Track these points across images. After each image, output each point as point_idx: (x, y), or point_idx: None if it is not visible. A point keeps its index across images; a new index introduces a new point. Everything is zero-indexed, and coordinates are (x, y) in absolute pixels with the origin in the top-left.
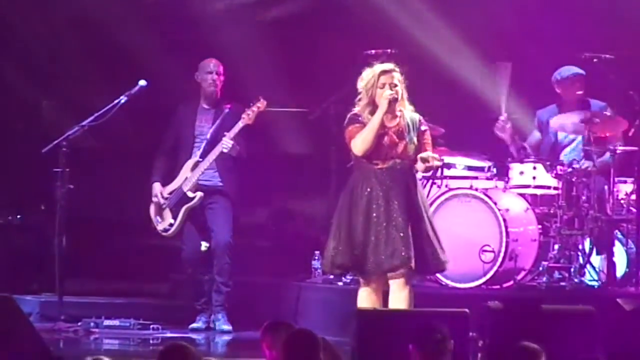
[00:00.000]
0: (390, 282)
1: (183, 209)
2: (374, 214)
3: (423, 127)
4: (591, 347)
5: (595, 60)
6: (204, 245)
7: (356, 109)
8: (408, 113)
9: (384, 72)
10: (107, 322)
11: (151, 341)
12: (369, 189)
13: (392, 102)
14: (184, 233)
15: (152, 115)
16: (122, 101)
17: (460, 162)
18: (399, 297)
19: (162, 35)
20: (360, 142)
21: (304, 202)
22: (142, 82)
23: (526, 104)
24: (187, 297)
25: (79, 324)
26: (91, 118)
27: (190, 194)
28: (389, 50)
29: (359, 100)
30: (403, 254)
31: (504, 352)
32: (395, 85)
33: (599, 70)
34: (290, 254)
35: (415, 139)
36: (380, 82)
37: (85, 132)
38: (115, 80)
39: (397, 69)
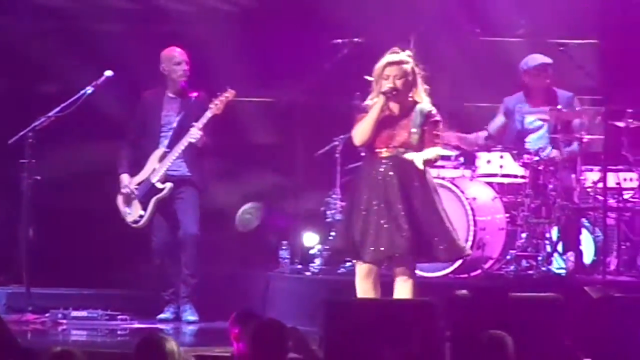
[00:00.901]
0: (395, 272)
1: (153, 200)
2: (374, 202)
3: (433, 119)
4: (559, 335)
5: (561, 47)
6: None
7: (368, 99)
8: (422, 104)
9: (390, 64)
10: (75, 313)
11: (119, 332)
12: (372, 177)
13: (389, 94)
14: (154, 224)
15: (118, 104)
16: (88, 92)
17: None
18: (401, 287)
19: (128, 25)
20: (358, 133)
21: (271, 191)
22: (108, 73)
23: (494, 90)
24: (155, 288)
25: (47, 315)
26: (57, 109)
27: (159, 185)
28: (355, 40)
29: (372, 90)
30: (398, 242)
31: (472, 341)
32: (400, 78)
33: (566, 57)
34: (259, 244)
35: (419, 130)
36: (385, 74)
37: (52, 122)
38: (82, 70)
39: (407, 60)
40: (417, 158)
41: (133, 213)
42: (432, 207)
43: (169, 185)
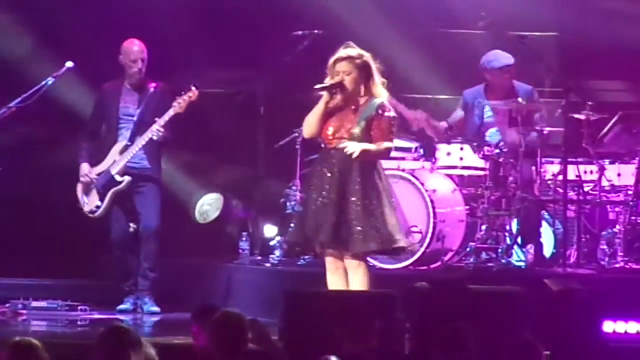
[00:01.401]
0: (346, 264)
1: (110, 192)
2: (321, 194)
3: (384, 113)
4: (519, 328)
5: (523, 40)
6: (132, 227)
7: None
8: (377, 98)
9: (339, 59)
10: (35, 304)
11: (79, 322)
12: (319, 169)
13: (332, 90)
14: (112, 215)
15: (78, 95)
16: (49, 82)
17: None
18: (351, 278)
19: (89, 15)
20: (304, 126)
21: (231, 183)
22: (69, 64)
23: (454, 83)
24: (115, 279)
25: (7, 305)
26: (18, 99)
27: (118, 178)
28: (316, 32)
29: None
30: (330, 233)
31: (432, 333)
32: (349, 73)
33: (526, 50)
34: (219, 235)
35: (363, 123)
36: (335, 69)
37: (13, 113)
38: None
39: (360, 55)
40: (351, 146)
41: (90, 203)
42: (367, 199)
43: (127, 178)
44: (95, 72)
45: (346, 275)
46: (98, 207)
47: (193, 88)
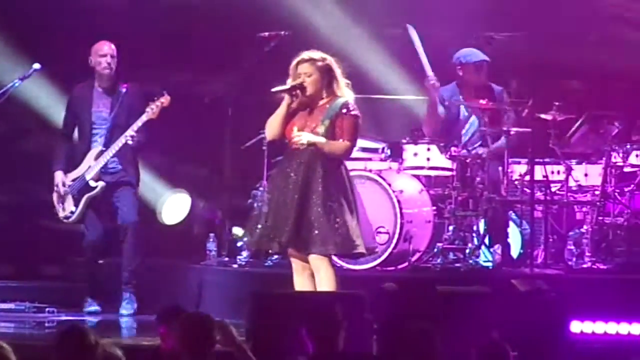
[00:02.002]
0: (310, 264)
1: (85, 197)
2: (278, 192)
3: (348, 113)
4: (486, 328)
5: (492, 40)
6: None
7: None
8: (340, 98)
9: (301, 61)
10: (1, 306)
11: (47, 324)
12: (283, 169)
13: (292, 92)
14: (87, 219)
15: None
16: (16, 84)
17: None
18: (317, 279)
19: (56, 17)
20: (267, 128)
21: (198, 184)
22: (36, 66)
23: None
24: (82, 281)
25: None
26: None
27: (92, 184)
28: (282, 33)
29: None
30: (290, 233)
31: (399, 333)
32: (310, 75)
33: (495, 50)
34: (186, 236)
35: (327, 122)
36: (297, 72)
37: None
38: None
39: (322, 57)
40: (304, 136)
41: (65, 209)
42: (329, 201)
43: (101, 184)
44: (65, 75)
45: (313, 277)
46: (72, 212)
47: (165, 94)
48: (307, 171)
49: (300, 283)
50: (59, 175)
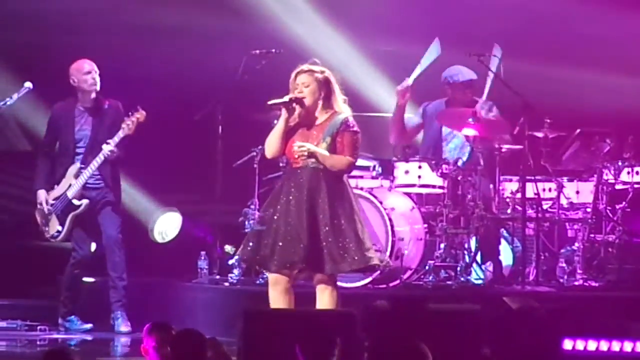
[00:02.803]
0: (314, 282)
1: (70, 216)
2: (285, 214)
3: (348, 129)
4: (478, 346)
5: (480, 58)
6: (93, 246)
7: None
8: (340, 114)
9: (300, 72)
10: None
11: (38, 342)
12: (285, 188)
13: (289, 105)
14: (75, 237)
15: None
16: (8, 103)
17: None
18: (319, 297)
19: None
20: (266, 146)
21: (189, 202)
22: (28, 84)
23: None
24: (68, 298)
25: None
26: None
27: (76, 202)
28: (273, 50)
29: None
30: (296, 253)
31: (391, 351)
32: (307, 85)
33: (484, 67)
34: (177, 254)
35: (328, 138)
36: (295, 83)
37: None
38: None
39: (321, 70)
40: (307, 147)
41: (51, 228)
42: (336, 219)
43: (85, 202)
44: (51, 93)
45: (286, 293)
46: (59, 231)
47: (140, 109)
48: (312, 191)
49: (272, 297)
50: (41, 194)
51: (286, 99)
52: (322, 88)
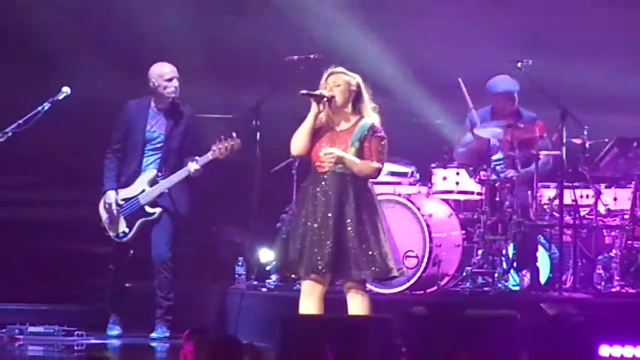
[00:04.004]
0: (344, 288)
1: (140, 221)
2: (311, 219)
3: (376, 134)
4: (515, 352)
5: (519, 65)
6: (131, 252)
7: None
8: (366, 119)
9: (332, 73)
10: (31, 329)
11: (75, 347)
12: (311, 193)
13: (320, 100)
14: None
15: (77, 118)
16: (46, 108)
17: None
18: (350, 303)
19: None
20: (292, 142)
21: (227, 207)
22: (66, 89)
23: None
24: (113, 303)
25: (3, 330)
26: (14, 125)
27: (149, 209)
28: (311, 56)
29: None
30: (321, 259)
31: (428, 358)
32: (338, 85)
33: (523, 75)
34: (214, 260)
35: (357, 144)
36: (326, 84)
37: (9, 138)
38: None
39: (353, 75)
40: (336, 152)
41: (118, 228)
42: (361, 225)
43: (158, 210)
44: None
45: (321, 301)
46: (125, 233)
47: (235, 136)
48: (339, 196)
49: (306, 305)
50: (112, 195)
51: (317, 92)
52: (353, 91)
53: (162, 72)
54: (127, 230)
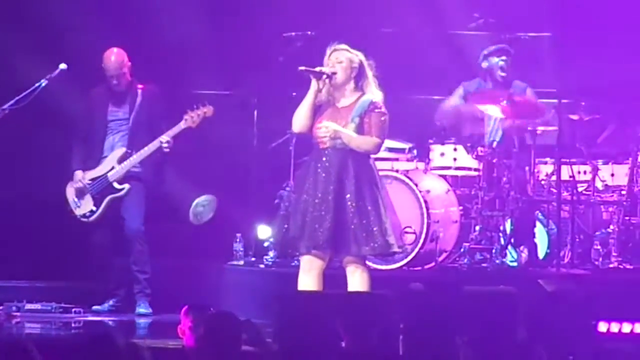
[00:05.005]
0: (343, 264)
1: (107, 198)
2: (312, 195)
3: (376, 110)
4: (513, 328)
5: (516, 41)
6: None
7: None
8: (367, 95)
9: (335, 50)
10: (28, 306)
11: (73, 324)
12: (312, 169)
13: (319, 77)
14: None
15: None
16: (42, 84)
17: None
18: (350, 279)
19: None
20: (294, 119)
21: (224, 184)
22: (63, 66)
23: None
24: (101, 280)
25: (1, 307)
26: (11, 102)
27: (117, 186)
28: (308, 33)
29: None
30: (320, 235)
31: (426, 334)
32: (341, 62)
33: (519, 51)
34: (212, 236)
35: (357, 119)
36: (329, 60)
37: (6, 115)
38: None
39: (351, 50)
40: (331, 126)
41: (83, 207)
42: (362, 201)
43: (126, 186)
44: (90, 75)
45: (320, 277)
46: (92, 211)
47: (207, 104)
48: (339, 172)
49: (305, 282)
50: (79, 174)
51: (317, 69)
52: (355, 68)
53: (106, 66)
54: (94, 208)
